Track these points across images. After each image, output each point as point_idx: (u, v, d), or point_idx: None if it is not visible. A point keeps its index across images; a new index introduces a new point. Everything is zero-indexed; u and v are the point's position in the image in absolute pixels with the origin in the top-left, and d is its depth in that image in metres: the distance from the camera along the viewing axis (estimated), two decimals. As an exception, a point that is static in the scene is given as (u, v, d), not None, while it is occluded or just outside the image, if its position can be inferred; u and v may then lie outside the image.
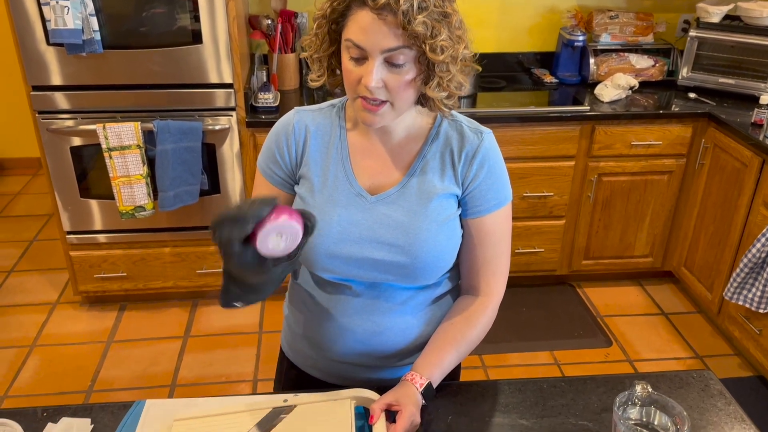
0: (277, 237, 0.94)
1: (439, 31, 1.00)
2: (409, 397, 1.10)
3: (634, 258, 3.06)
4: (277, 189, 1.22)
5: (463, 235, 1.20)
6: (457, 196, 1.18)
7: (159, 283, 2.88)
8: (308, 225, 0.98)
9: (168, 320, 2.87)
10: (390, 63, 1.03)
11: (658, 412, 1.09)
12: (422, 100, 1.11)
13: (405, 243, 1.14)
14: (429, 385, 1.13)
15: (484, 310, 1.22)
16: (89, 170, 2.63)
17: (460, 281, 1.29)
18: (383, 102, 1.06)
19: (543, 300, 3.05)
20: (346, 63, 1.06)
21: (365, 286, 1.20)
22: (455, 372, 1.38)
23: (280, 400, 1.14)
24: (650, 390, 1.09)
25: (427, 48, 1.00)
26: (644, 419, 1.09)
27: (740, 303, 2.47)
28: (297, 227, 0.96)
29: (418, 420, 1.10)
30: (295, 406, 1.12)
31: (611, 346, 2.76)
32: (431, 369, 1.15)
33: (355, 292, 1.21)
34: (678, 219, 2.99)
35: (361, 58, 1.04)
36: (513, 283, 1.26)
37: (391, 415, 1.10)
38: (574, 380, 1.27)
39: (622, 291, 3.13)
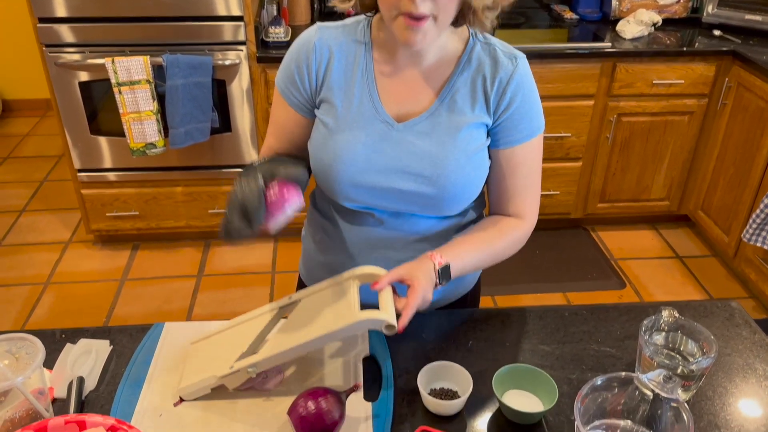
0: (283, 215, 1.02)
1: None
2: (423, 272, 1.04)
3: (651, 201, 3.02)
4: (295, 111, 1.17)
5: (491, 166, 1.15)
6: (488, 126, 1.12)
7: (171, 223, 2.87)
8: (302, 189, 1.04)
9: (181, 259, 2.88)
10: None
11: (684, 337, 1.07)
12: (459, 17, 1.04)
13: (432, 174, 1.09)
14: (447, 266, 1.07)
15: (518, 226, 1.18)
16: (99, 107, 2.58)
17: (484, 211, 1.26)
18: (426, 17, 0.98)
19: (557, 243, 3.02)
20: None
21: (388, 215, 1.16)
22: (475, 303, 1.36)
23: (285, 300, 1.11)
24: (677, 315, 1.07)
25: None
26: (670, 345, 1.07)
27: (758, 245, 2.43)
28: (298, 200, 1.03)
29: (430, 297, 1.04)
30: (300, 300, 1.10)
31: (625, 288, 2.74)
32: (450, 257, 1.09)
33: (378, 220, 1.17)
34: (697, 161, 2.93)
35: None
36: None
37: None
38: (596, 308, 1.25)
39: (637, 234, 3.09)
